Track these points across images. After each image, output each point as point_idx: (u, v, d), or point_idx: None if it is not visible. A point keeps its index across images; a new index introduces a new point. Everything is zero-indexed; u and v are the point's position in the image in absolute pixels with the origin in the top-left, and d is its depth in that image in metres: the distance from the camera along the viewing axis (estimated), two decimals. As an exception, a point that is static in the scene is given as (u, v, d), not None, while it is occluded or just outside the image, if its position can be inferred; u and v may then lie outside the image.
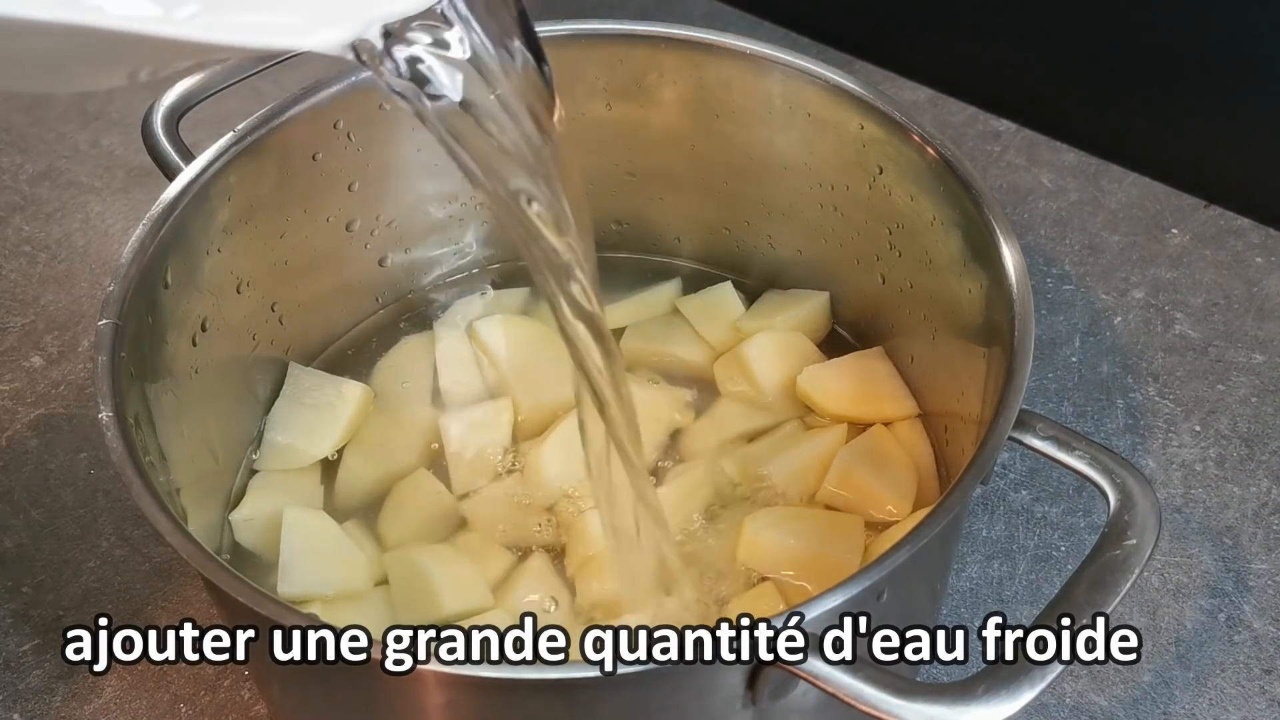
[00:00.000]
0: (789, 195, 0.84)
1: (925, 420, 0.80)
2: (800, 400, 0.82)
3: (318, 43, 0.50)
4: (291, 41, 0.50)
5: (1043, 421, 0.62)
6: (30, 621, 0.78)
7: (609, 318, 0.86)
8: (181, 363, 0.72)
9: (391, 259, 0.88)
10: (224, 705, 0.75)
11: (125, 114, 1.10)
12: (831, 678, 0.52)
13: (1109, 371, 0.89)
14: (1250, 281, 0.94)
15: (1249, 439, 0.85)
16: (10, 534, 0.82)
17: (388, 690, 0.58)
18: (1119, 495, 0.59)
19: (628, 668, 0.52)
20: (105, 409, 0.61)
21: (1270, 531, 0.81)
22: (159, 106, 0.77)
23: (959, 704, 0.52)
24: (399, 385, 0.84)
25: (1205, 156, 1.01)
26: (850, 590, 0.55)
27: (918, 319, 0.80)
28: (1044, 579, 0.79)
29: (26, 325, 0.95)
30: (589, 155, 0.87)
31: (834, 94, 0.78)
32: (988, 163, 1.03)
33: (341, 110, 0.79)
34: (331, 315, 0.87)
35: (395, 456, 0.80)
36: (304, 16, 0.50)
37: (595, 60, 0.82)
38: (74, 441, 0.87)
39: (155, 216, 0.70)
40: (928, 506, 0.75)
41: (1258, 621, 0.77)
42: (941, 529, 0.57)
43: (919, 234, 0.77)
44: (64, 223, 1.02)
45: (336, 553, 0.74)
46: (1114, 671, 0.75)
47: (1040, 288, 0.94)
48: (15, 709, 0.75)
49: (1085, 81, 1.05)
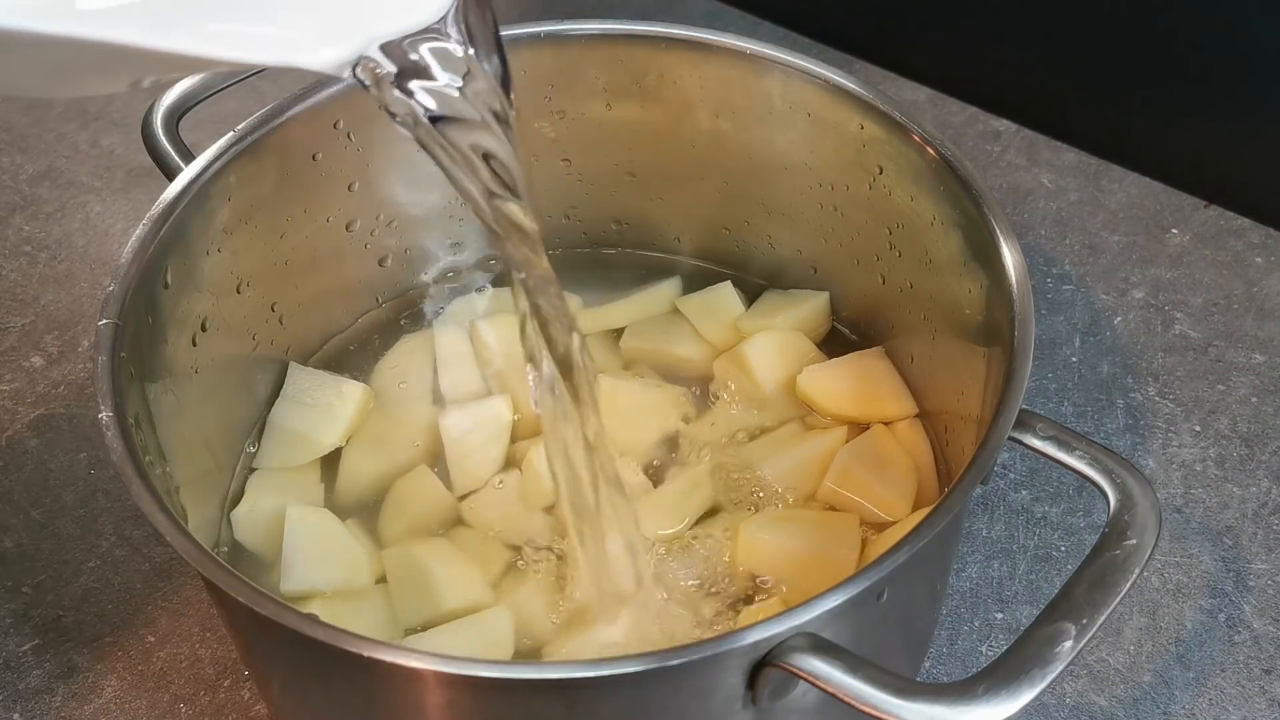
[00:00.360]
0: (789, 195, 0.84)
1: (925, 420, 0.80)
2: (800, 400, 0.82)
3: (319, 61, 0.50)
4: (292, 59, 0.50)
5: (1043, 421, 0.62)
6: (30, 621, 0.78)
7: (609, 316, 0.87)
8: (181, 362, 0.72)
9: (391, 259, 0.88)
10: (224, 705, 0.75)
11: (125, 114, 1.10)
12: (831, 678, 0.52)
13: (1109, 371, 0.89)
14: (1250, 281, 0.94)
15: (1249, 439, 0.85)
16: (10, 534, 0.82)
17: (388, 690, 0.58)
18: (1119, 495, 0.59)
19: (628, 667, 0.53)
20: (105, 409, 0.62)
21: (1270, 531, 0.81)
22: (159, 106, 0.77)
23: (959, 704, 0.52)
24: (399, 384, 0.84)
25: (1205, 156, 1.01)
26: (850, 590, 0.55)
27: (918, 319, 0.80)
28: (1044, 579, 0.79)
29: (26, 325, 0.95)
30: (589, 155, 0.88)
31: (834, 94, 0.78)
32: (988, 163, 1.03)
33: (341, 110, 0.79)
34: (331, 315, 0.87)
35: (395, 455, 0.80)
36: (304, 33, 0.50)
37: (595, 60, 0.82)
38: (74, 441, 0.87)
39: (155, 216, 0.70)
40: (928, 506, 0.75)
41: (1258, 621, 0.77)
42: (941, 529, 0.57)
43: (919, 234, 0.77)
44: (64, 223, 1.02)
45: (338, 550, 0.74)
46: (1114, 671, 0.75)
47: (1040, 288, 0.94)
48: (15, 709, 0.75)
49: (1085, 81, 1.05)
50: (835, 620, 0.55)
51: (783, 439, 0.80)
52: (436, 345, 0.86)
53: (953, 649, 0.76)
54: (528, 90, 0.83)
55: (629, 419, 0.81)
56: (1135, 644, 0.76)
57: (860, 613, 0.57)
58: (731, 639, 0.53)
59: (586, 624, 0.72)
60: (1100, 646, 0.76)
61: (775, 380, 0.82)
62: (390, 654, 0.53)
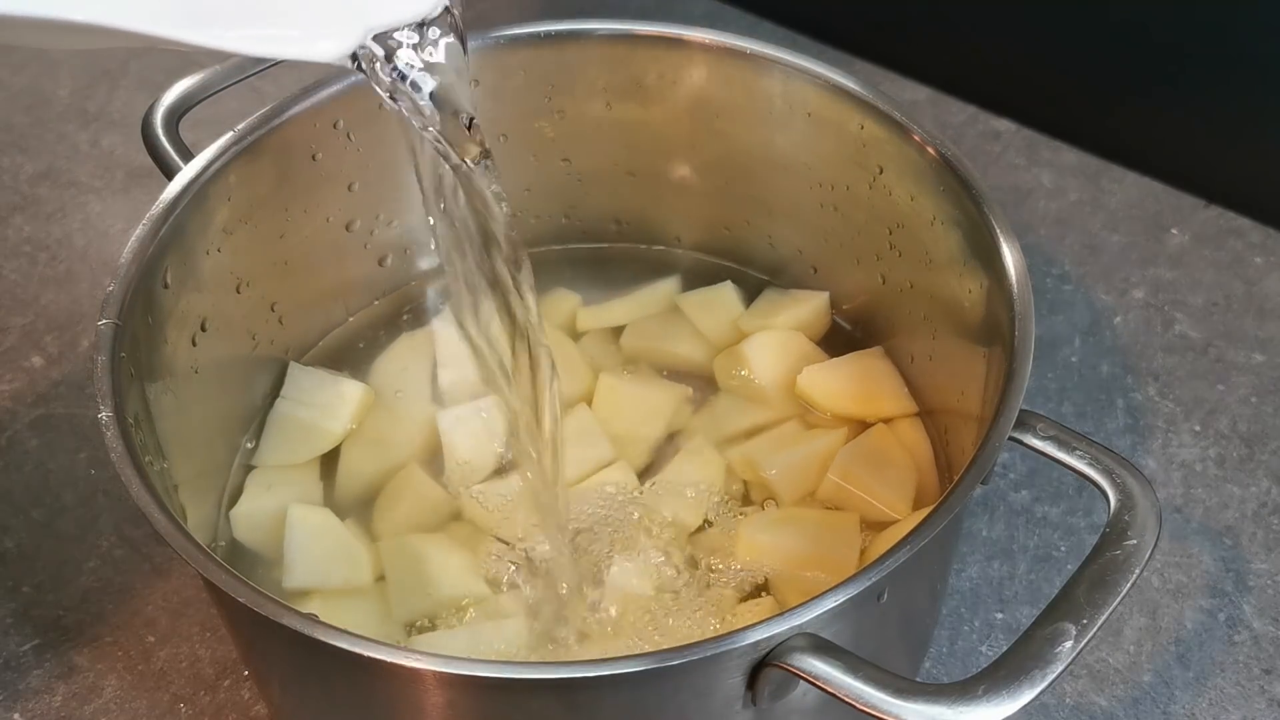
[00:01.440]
0: (789, 195, 0.84)
1: (925, 419, 0.80)
2: (800, 399, 0.82)
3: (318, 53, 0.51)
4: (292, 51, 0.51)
5: (1043, 421, 0.62)
6: (30, 621, 0.78)
7: (610, 314, 0.88)
8: (181, 362, 0.72)
9: (391, 258, 0.88)
10: (224, 705, 0.75)
11: (125, 114, 1.10)
12: (831, 678, 0.52)
13: (1109, 371, 0.89)
14: (1250, 281, 0.94)
15: (1249, 439, 0.85)
16: (10, 534, 0.82)
17: (388, 690, 0.58)
18: (1119, 495, 0.59)
19: (628, 667, 0.53)
20: (105, 409, 0.62)
21: (1270, 531, 0.81)
22: (159, 106, 0.77)
23: (959, 704, 0.52)
24: (398, 382, 0.84)
25: (1205, 156, 1.01)
26: (850, 590, 0.55)
27: (918, 319, 0.80)
28: (1044, 579, 0.79)
29: (26, 325, 0.95)
30: (589, 155, 0.88)
31: (834, 94, 0.78)
32: (988, 163, 1.03)
33: (341, 110, 0.79)
34: (331, 314, 0.87)
35: (394, 453, 0.80)
36: (302, 29, 0.51)
37: (595, 60, 0.82)
38: (74, 441, 0.87)
39: (155, 216, 0.70)
40: (928, 505, 0.75)
41: (1258, 621, 0.77)
42: (941, 529, 0.57)
43: (919, 234, 0.77)
44: (64, 223, 1.02)
45: (339, 548, 0.74)
46: (1114, 671, 0.75)
47: (1040, 288, 0.94)
48: (15, 709, 0.75)
49: (1085, 81, 1.05)
50: (835, 620, 0.55)
51: (783, 437, 0.80)
52: (436, 343, 0.86)
53: (953, 649, 0.76)
54: (528, 90, 0.83)
55: (628, 416, 0.81)
56: (1135, 644, 0.76)
57: (860, 613, 0.57)
58: (731, 639, 0.53)
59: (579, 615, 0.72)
60: (1100, 646, 0.76)
61: (775, 379, 0.82)
62: (390, 654, 0.53)
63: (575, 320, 0.87)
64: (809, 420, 0.81)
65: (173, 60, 1.15)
